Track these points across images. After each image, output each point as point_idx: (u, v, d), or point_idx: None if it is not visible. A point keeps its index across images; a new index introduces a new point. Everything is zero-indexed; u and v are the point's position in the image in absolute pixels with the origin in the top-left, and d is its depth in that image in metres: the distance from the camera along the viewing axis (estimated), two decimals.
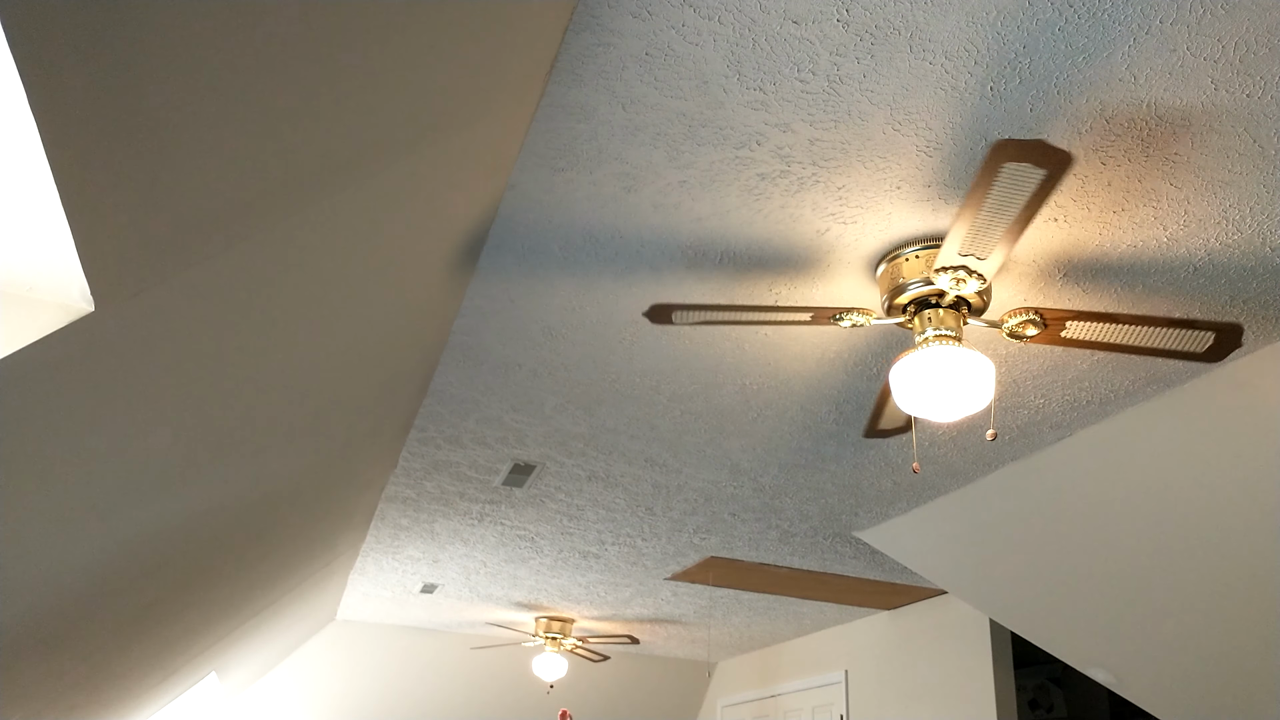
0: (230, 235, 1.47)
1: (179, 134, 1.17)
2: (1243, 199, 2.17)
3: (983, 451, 3.56)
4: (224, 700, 6.83)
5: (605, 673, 8.12)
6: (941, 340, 2.34)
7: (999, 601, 4.34)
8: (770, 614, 6.50)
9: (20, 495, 1.65)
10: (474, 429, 3.61)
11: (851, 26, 1.75)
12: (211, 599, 3.63)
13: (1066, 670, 6.90)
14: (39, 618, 2.33)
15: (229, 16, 1.07)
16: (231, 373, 1.95)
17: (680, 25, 1.76)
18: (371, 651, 7.46)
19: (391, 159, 1.70)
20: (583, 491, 4.23)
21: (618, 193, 2.24)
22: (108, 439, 1.73)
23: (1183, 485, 3.20)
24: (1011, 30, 1.75)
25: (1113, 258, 2.40)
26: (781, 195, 2.22)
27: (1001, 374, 3.00)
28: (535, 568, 5.55)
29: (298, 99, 1.32)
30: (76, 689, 3.25)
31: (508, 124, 1.96)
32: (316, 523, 3.87)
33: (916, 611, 5.96)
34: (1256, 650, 3.50)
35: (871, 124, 2.00)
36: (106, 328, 1.37)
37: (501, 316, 2.81)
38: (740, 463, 3.78)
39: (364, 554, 5.45)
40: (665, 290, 2.63)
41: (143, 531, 2.35)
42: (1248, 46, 1.77)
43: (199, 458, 2.22)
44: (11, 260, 1.22)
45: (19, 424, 1.43)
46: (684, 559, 5.22)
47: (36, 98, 0.96)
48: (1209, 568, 3.36)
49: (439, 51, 1.51)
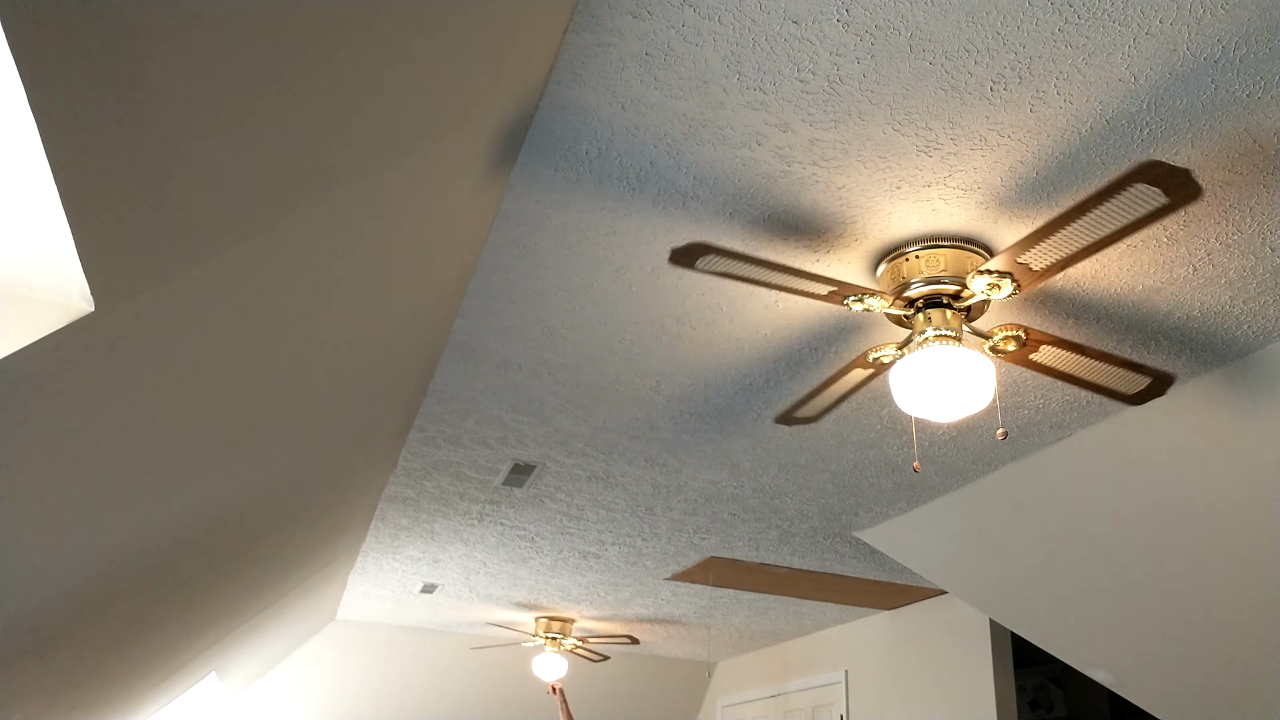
0: (230, 235, 1.47)
1: (179, 134, 1.17)
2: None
3: (983, 451, 3.56)
4: (224, 700, 6.83)
5: (605, 673, 8.12)
6: (942, 340, 2.34)
7: (999, 601, 4.34)
8: (770, 614, 6.50)
9: (20, 495, 1.65)
10: (474, 429, 3.61)
11: (851, 26, 1.75)
12: (211, 599, 3.63)
13: (1066, 670, 6.90)
14: (39, 618, 2.33)
15: (229, 16, 1.07)
16: (232, 373, 1.95)
17: (680, 25, 1.76)
18: (371, 651, 7.46)
19: (391, 159, 1.70)
20: (583, 491, 4.23)
21: (618, 193, 2.24)
22: (108, 439, 1.73)
23: (1182, 485, 3.20)
24: (1011, 30, 1.75)
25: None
26: (782, 195, 2.22)
27: (1001, 374, 3.00)
28: (535, 568, 5.55)
29: (297, 99, 1.32)
30: (76, 689, 3.25)
31: (508, 124, 1.96)
32: (316, 523, 3.87)
33: (916, 611, 5.96)
34: (1257, 650, 3.50)
35: (871, 124, 2.00)
36: (106, 328, 1.37)
37: (501, 316, 2.81)
38: (740, 463, 3.78)
39: (364, 554, 5.45)
40: (665, 289, 2.63)
41: (143, 531, 2.35)
42: (1248, 46, 1.77)
43: (199, 458, 2.22)
44: (11, 260, 1.22)
45: (19, 424, 1.43)
46: (684, 559, 5.22)
47: (36, 98, 0.96)
48: (1209, 568, 3.36)
49: (439, 52, 1.51)
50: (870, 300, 2.33)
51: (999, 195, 2.20)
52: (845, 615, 6.44)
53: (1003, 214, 2.26)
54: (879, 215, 2.28)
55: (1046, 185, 2.16)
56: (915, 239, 2.37)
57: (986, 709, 5.18)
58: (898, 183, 2.17)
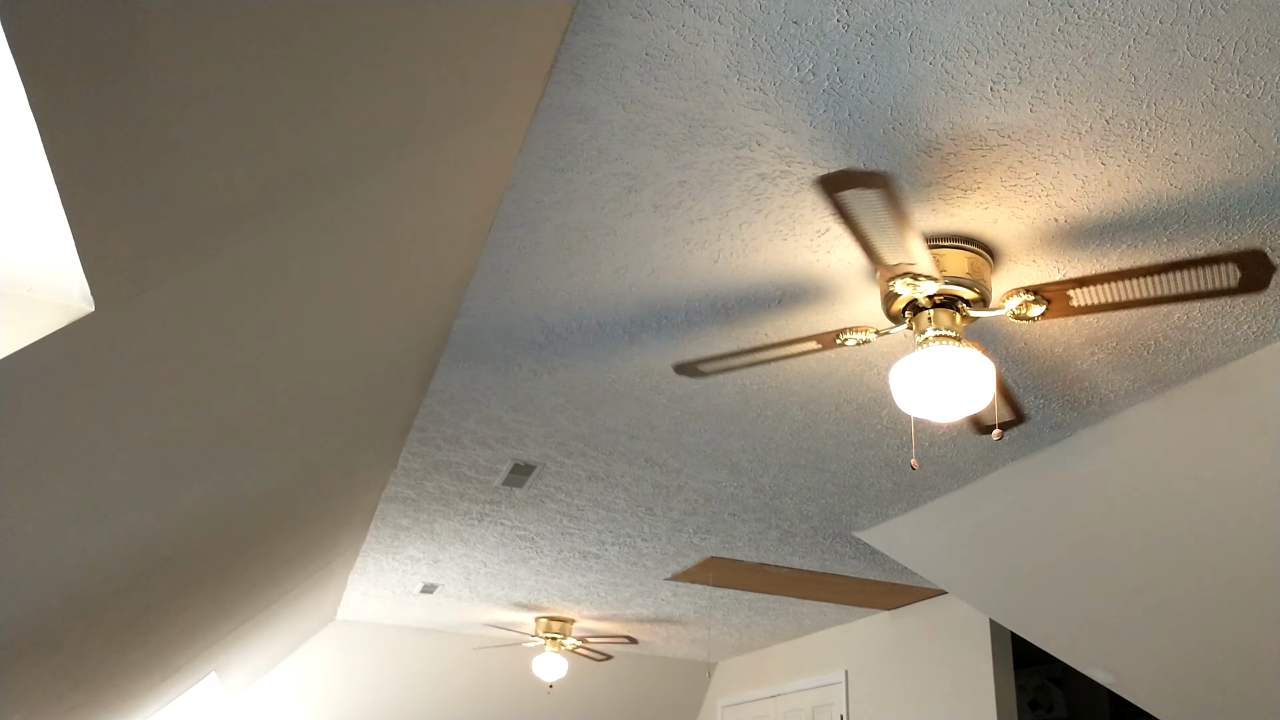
0: (230, 235, 1.47)
1: (179, 134, 1.17)
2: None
3: (983, 451, 3.56)
4: (224, 700, 6.83)
5: (605, 673, 8.12)
6: (941, 340, 2.34)
7: (999, 601, 4.34)
8: (770, 614, 6.50)
9: (20, 495, 1.65)
10: (474, 429, 3.61)
11: (851, 26, 1.75)
12: (211, 599, 3.63)
13: (1066, 670, 6.90)
14: (39, 618, 2.33)
15: (229, 17, 1.07)
16: (231, 373, 1.95)
17: (680, 25, 1.76)
18: (371, 651, 7.46)
19: (391, 160, 1.70)
20: (583, 491, 4.23)
21: (618, 193, 2.24)
22: (107, 439, 1.73)
23: (1183, 485, 3.20)
24: (1011, 30, 1.75)
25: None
26: (782, 195, 2.22)
27: (1002, 374, 3.00)
28: (535, 568, 5.56)
29: (297, 100, 1.32)
30: (76, 689, 3.25)
31: (508, 124, 1.96)
32: (316, 523, 3.87)
33: (916, 611, 5.96)
34: (1257, 650, 3.50)
35: (872, 124, 2.00)
36: (106, 328, 1.37)
37: (501, 316, 2.81)
38: (740, 463, 3.78)
39: (364, 554, 5.45)
40: (665, 289, 2.63)
41: (142, 531, 2.35)
42: (1248, 47, 1.77)
43: (199, 458, 2.22)
44: (11, 260, 1.22)
45: (19, 424, 1.43)
46: (684, 559, 5.22)
47: (36, 98, 0.96)
48: (1209, 567, 3.37)
49: (439, 52, 1.51)
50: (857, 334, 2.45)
51: (999, 195, 2.20)
52: (845, 615, 6.44)
53: (1003, 214, 2.26)
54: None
55: (1047, 186, 2.16)
56: None
57: (986, 709, 5.18)
58: (898, 183, 2.17)
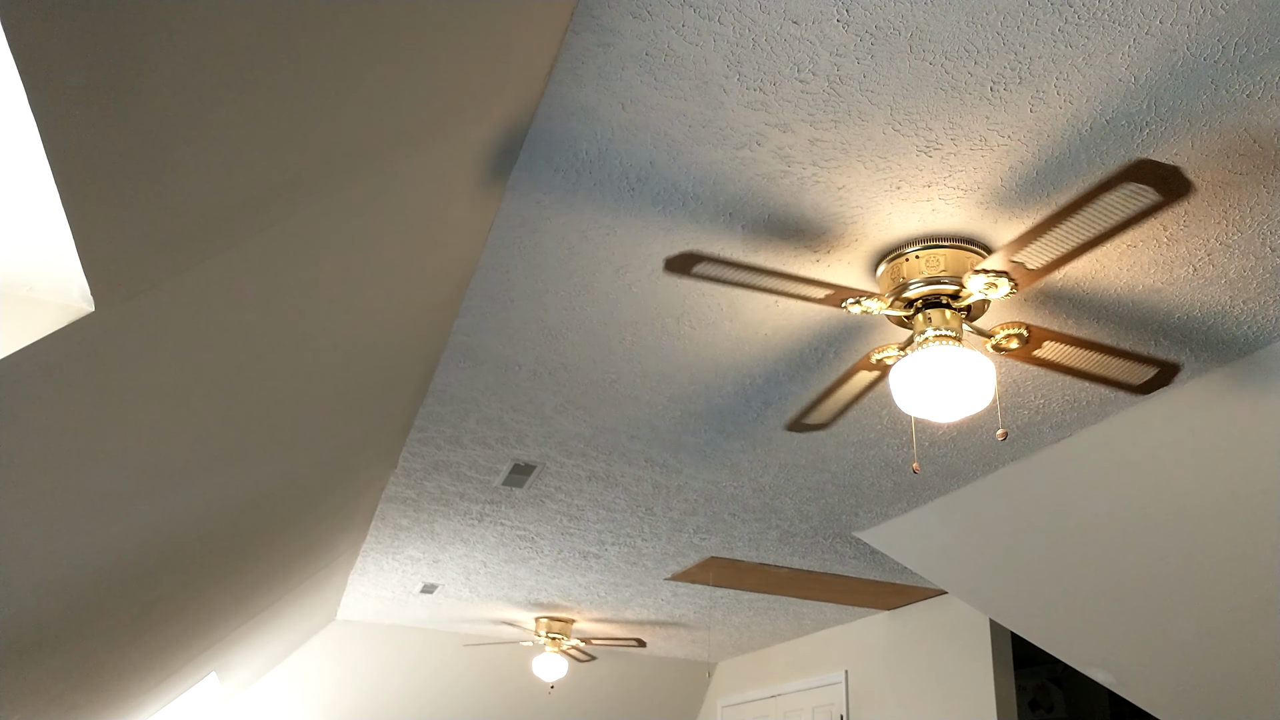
0: (230, 235, 1.47)
1: (179, 134, 1.17)
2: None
3: (983, 451, 3.56)
4: (224, 700, 6.83)
5: (605, 673, 8.12)
6: (942, 340, 2.34)
7: (999, 601, 4.34)
8: (770, 614, 6.50)
9: (20, 495, 1.65)
10: (474, 429, 3.61)
11: (851, 26, 1.75)
12: (212, 599, 3.63)
13: (1066, 670, 6.90)
14: (39, 617, 2.33)
15: (229, 17, 1.07)
16: (231, 372, 1.95)
17: (680, 25, 1.76)
18: (371, 651, 7.46)
19: (391, 160, 1.70)
20: (583, 492, 4.23)
21: (619, 193, 2.24)
22: (108, 439, 1.73)
23: (1183, 485, 3.20)
24: (1011, 30, 1.75)
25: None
26: (782, 195, 2.22)
27: (1001, 374, 3.00)
28: (535, 568, 5.56)
29: (297, 100, 1.32)
30: (76, 689, 3.25)
31: (508, 124, 1.96)
32: (316, 523, 3.87)
33: (916, 611, 5.96)
34: (1257, 650, 3.50)
35: (871, 124, 2.00)
36: (106, 328, 1.37)
37: (501, 316, 2.81)
38: (740, 463, 3.78)
39: (364, 554, 5.45)
40: (665, 289, 2.63)
41: (143, 531, 2.35)
42: (1248, 46, 1.77)
43: (199, 457, 2.22)
44: (11, 260, 1.22)
45: (19, 424, 1.43)
46: (684, 559, 5.22)
47: (36, 98, 0.96)
48: (1209, 567, 3.36)
49: (439, 52, 1.51)
50: (868, 302, 2.33)
51: (999, 195, 2.20)
52: (845, 615, 6.44)
53: (1003, 214, 2.26)
54: (879, 215, 2.28)
55: (1047, 185, 2.16)
56: (915, 239, 2.37)
57: (986, 709, 5.18)
58: (897, 183, 2.17)
